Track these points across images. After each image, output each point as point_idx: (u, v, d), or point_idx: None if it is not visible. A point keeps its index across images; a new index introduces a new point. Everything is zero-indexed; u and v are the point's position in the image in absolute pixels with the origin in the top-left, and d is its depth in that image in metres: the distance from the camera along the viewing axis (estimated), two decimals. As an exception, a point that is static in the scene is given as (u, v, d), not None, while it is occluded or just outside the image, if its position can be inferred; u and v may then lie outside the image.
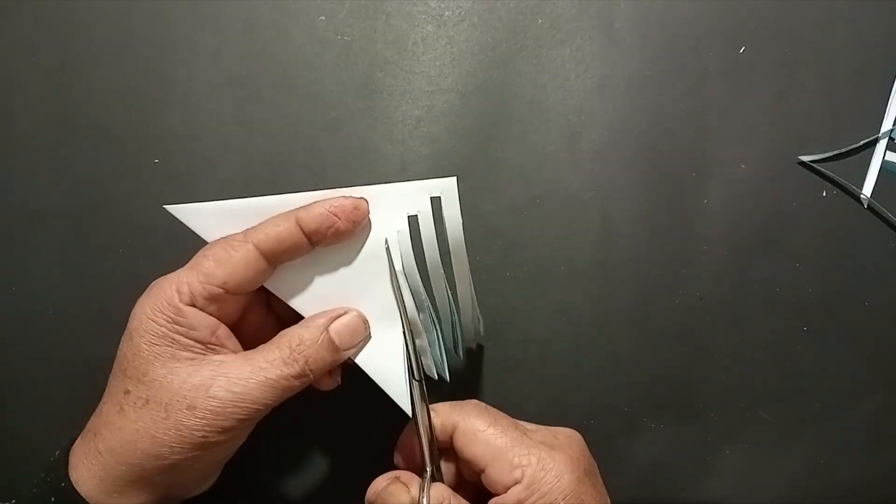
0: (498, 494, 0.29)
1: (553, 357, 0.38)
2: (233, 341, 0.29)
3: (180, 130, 0.38)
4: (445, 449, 0.31)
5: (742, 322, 0.38)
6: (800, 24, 0.38)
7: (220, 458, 0.29)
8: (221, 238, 0.29)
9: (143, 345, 0.27)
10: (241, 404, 0.27)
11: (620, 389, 0.38)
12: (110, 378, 0.28)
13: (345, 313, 0.30)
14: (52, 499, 0.27)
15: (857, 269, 0.38)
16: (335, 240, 0.29)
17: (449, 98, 0.38)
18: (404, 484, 0.30)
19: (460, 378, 0.38)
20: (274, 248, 0.28)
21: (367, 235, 0.30)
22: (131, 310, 0.29)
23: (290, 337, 0.29)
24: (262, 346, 0.29)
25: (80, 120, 0.38)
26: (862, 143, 0.38)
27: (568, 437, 0.32)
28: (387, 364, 0.31)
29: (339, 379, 0.32)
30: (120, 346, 0.28)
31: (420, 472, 0.30)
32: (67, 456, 0.28)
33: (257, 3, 0.38)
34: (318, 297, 0.30)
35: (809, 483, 0.38)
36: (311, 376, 0.29)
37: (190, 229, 0.30)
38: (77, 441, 0.28)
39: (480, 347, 0.38)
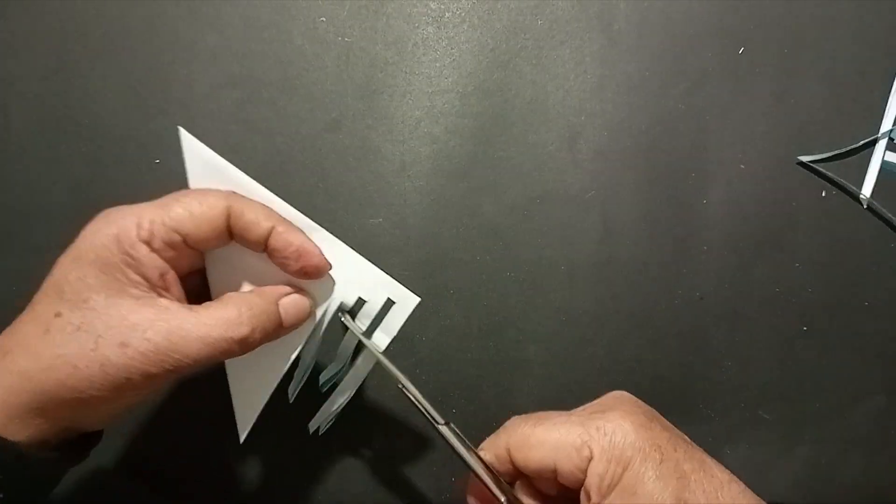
0: (581, 485, 0.27)
1: (553, 357, 0.38)
2: (178, 290, 0.28)
3: (180, 130, 0.38)
4: (516, 478, 0.30)
5: (742, 322, 0.38)
6: (800, 24, 0.38)
7: (131, 403, 0.27)
8: (201, 189, 0.28)
9: (92, 271, 0.26)
10: (175, 355, 0.25)
11: (620, 389, 0.38)
12: (37, 297, 0.26)
13: (294, 292, 0.29)
14: None
15: (857, 269, 0.38)
16: (280, 267, 0.29)
17: (449, 98, 0.38)
18: None
19: (459, 377, 0.38)
20: (238, 230, 0.28)
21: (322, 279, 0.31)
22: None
23: (241, 300, 0.27)
24: (210, 303, 0.27)
25: (80, 120, 0.38)
26: (862, 143, 0.38)
27: (614, 397, 0.31)
28: (253, 384, 0.30)
29: None
30: (59, 265, 0.26)
31: None
32: None
33: (257, 4, 0.38)
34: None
35: (810, 483, 0.38)
36: (254, 345, 0.27)
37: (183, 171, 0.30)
38: None
39: (480, 348, 0.38)
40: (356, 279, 0.30)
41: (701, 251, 0.38)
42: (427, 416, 0.29)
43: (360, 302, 0.31)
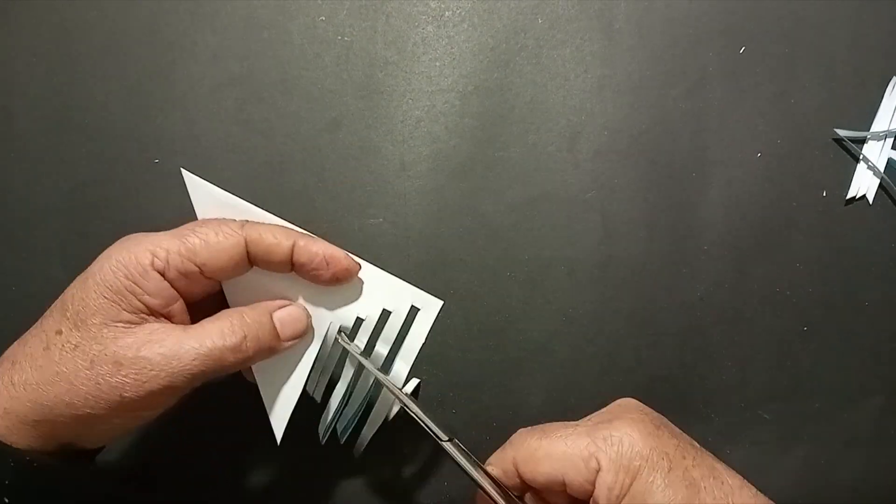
0: (591, 496, 0.27)
1: (553, 357, 0.38)
2: (183, 317, 0.28)
3: (180, 130, 0.38)
4: (525, 492, 0.30)
5: (742, 322, 0.38)
6: (800, 24, 0.38)
7: (130, 424, 0.28)
8: (215, 219, 0.29)
9: (94, 293, 0.26)
10: (170, 369, 0.26)
11: (620, 389, 0.38)
12: (47, 312, 0.27)
13: (290, 304, 0.30)
14: None
15: (857, 269, 0.38)
16: (311, 281, 0.29)
17: (449, 98, 0.38)
18: None
19: (459, 377, 0.38)
20: (261, 255, 0.28)
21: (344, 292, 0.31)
22: None
23: (233, 312, 0.28)
24: (204, 320, 0.28)
25: (80, 120, 0.38)
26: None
27: (620, 405, 0.31)
28: (283, 385, 0.31)
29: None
30: (71, 284, 0.27)
31: None
32: None
33: (257, 3, 0.38)
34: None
35: (809, 483, 0.38)
36: (248, 354, 0.28)
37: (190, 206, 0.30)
38: None
39: (480, 348, 0.38)
40: (376, 292, 0.31)
41: (701, 251, 0.38)
42: (431, 433, 0.29)
43: (385, 315, 0.31)
